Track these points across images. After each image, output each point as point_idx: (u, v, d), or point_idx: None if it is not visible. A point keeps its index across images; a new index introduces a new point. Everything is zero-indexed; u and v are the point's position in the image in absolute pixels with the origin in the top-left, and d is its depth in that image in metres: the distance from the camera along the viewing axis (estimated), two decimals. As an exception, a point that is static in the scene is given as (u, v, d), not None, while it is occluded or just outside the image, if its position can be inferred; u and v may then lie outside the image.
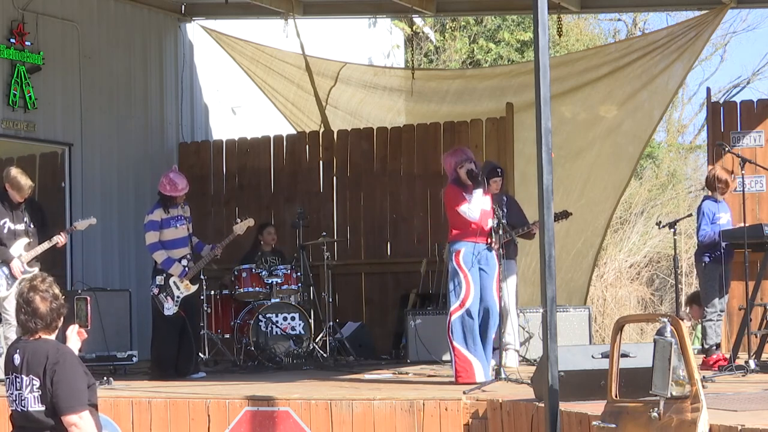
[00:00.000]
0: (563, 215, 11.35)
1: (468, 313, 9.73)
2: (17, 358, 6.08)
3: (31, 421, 6.05)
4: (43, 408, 6.00)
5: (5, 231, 10.72)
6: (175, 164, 13.05)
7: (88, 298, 6.54)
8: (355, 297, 14.27)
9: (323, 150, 14.74)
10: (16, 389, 6.07)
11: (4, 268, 10.67)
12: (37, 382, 5.99)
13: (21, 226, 10.79)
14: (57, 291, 6.11)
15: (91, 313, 6.49)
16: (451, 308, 9.80)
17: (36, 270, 10.49)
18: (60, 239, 10.85)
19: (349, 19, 17.39)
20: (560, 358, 6.56)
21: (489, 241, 9.83)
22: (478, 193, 9.82)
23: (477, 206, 9.78)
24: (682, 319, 7.92)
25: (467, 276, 9.75)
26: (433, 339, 11.87)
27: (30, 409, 6.02)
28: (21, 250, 10.73)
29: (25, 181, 10.71)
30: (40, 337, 6.08)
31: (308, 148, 14.86)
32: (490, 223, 9.87)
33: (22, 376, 6.04)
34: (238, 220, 11.91)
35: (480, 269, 9.83)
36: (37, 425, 6.04)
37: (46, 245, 10.81)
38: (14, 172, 10.76)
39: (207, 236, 12.90)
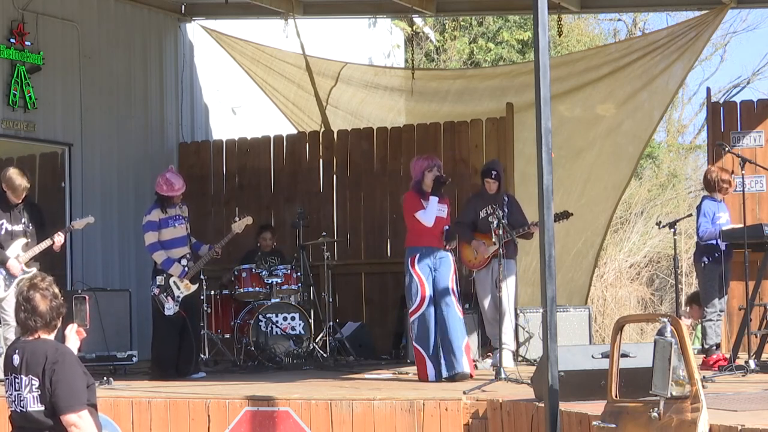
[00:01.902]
0: (564, 216, 11.33)
1: (425, 314, 10.19)
2: (16, 359, 6.07)
3: (31, 422, 6.04)
4: (43, 408, 5.99)
5: (2, 232, 10.69)
6: (171, 164, 13.02)
7: (87, 297, 6.55)
8: (355, 297, 14.25)
9: (323, 150, 14.73)
10: (16, 389, 6.07)
11: (2, 269, 10.65)
12: (36, 382, 5.99)
13: (19, 227, 10.76)
14: (56, 290, 6.12)
15: (90, 313, 6.50)
16: (410, 310, 10.31)
17: (34, 270, 10.47)
18: (58, 239, 10.82)
19: (349, 19, 17.38)
20: (560, 358, 6.56)
21: (445, 245, 10.39)
22: (434, 200, 10.35)
23: (432, 213, 10.34)
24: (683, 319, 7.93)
25: (422, 279, 10.25)
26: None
27: (29, 409, 6.02)
28: (18, 251, 10.70)
29: (20, 182, 10.65)
30: (39, 336, 6.07)
31: (308, 148, 14.84)
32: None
33: (21, 376, 6.03)
34: (237, 219, 11.88)
35: (434, 274, 10.27)
36: (36, 425, 6.04)
37: (43, 245, 10.77)
38: (11, 172, 10.72)
39: (207, 236, 12.89)
